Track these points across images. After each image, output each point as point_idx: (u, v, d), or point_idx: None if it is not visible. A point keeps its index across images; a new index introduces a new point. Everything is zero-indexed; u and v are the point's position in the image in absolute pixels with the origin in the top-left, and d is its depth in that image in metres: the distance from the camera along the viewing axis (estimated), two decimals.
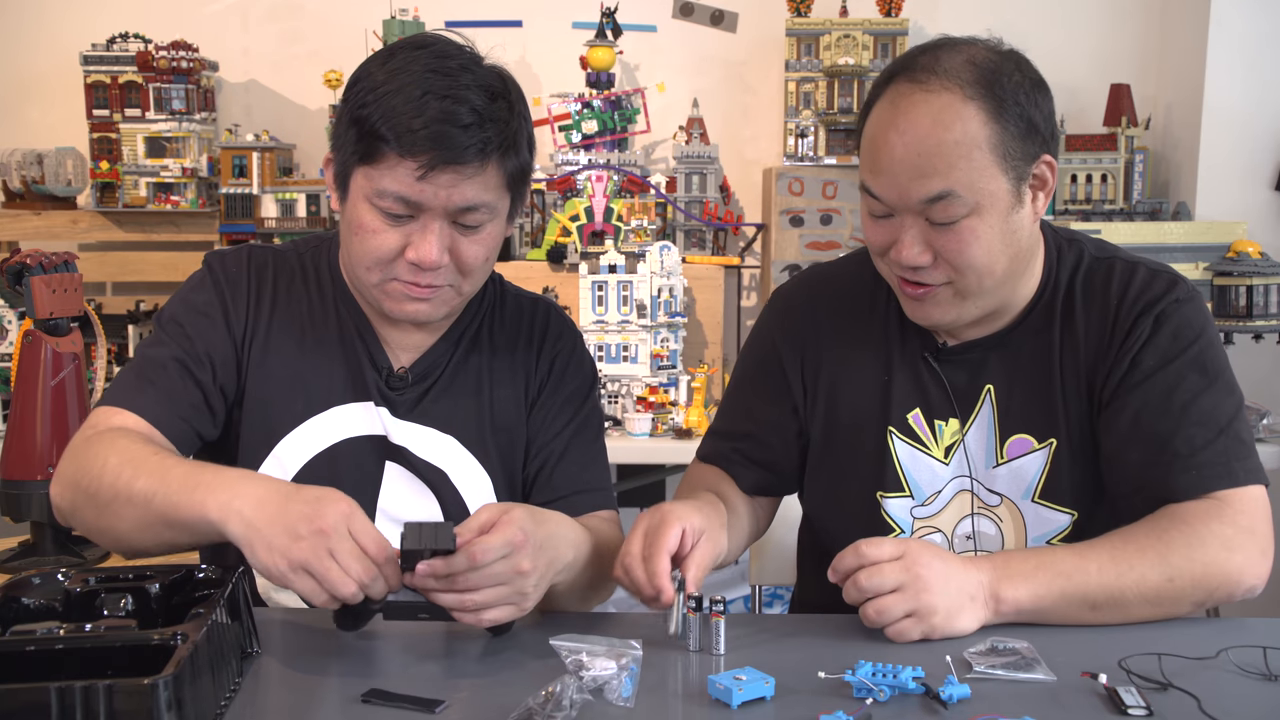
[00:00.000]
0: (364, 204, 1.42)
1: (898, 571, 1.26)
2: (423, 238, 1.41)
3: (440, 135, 1.36)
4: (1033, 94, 1.39)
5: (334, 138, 1.47)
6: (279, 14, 3.41)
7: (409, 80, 1.38)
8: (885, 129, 1.38)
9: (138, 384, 1.46)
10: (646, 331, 2.83)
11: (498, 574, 1.21)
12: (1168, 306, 1.45)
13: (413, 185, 1.38)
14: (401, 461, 1.54)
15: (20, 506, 1.88)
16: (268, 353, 1.52)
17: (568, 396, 1.62)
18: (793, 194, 3.15)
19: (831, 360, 1.57)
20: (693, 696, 1.16)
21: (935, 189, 1.35)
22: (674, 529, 1.30)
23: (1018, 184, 1.38)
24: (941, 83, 1.36)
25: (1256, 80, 3.10)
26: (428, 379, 1.55)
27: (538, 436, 1.60)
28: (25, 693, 0.96)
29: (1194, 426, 1.40)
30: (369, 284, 1.46)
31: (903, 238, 1.40)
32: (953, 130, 1.35)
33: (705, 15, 3.40)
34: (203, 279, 1.54)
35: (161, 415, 1.44)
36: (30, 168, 3.16)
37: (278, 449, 1.51)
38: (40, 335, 1.88)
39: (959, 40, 1.42)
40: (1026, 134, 1.37)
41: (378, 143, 1.37)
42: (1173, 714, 1.10)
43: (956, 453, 1.50)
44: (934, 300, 1.43)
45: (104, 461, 1.33)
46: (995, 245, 1.39)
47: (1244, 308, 2.81)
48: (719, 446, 1.63)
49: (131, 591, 1.20)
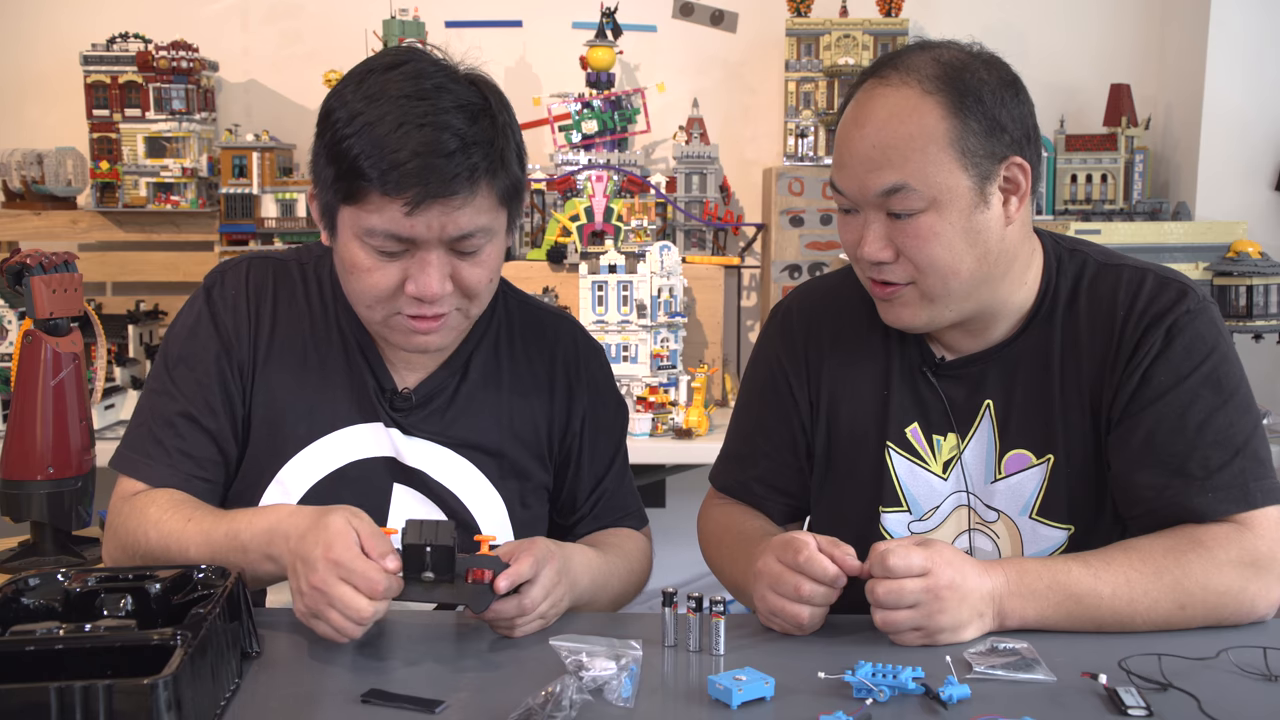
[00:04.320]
0: (354, 242, 1.36)
1: (918, 590, 1.25)
2: (421, 271, 1.35)
3: (425, 169, 1.29)
4: (1000, 93, 1.37)
5: (313, 172, 1.41)
6: (279, 14, 3.41)
7: (386, 109, 1.31)
8: (848, 125, 1.40)
9: (151, 449, 1.47)
10: (646, 331, 2.83)
11: (540, 612, 1.32)
12: (1179, 318, 1.40)
13: (402, 222, 1.32)
14: (413, 484, 1.51)
15: (20, 506, 1.88)
16: (271, 374, 1.50)
17: (608, 429, 1.63)
18: (793, 194, 3.15)
19: (832, 375, 1.56)
20: (693, 696, 1.16)
21: (889, 181, 1.35)
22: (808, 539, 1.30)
23: (981, 183, 1.36)
24: (901, 78, 1.37)
25: (1256, 80, 3.10)
26: (436, 399, 1.53)
27: (588, 478, 1.61)
28: (25, 693, 0.96)
29: (1209, 447, 1.37)
30: (372, 320, 1.43)
31: (865, 233, 1.40)
32: (907, 123, 1.35)
33: (705, 15, 3.40)
34: (201, 313, 1.51)
35: (179, 482, 1.47)
36: (30, 168, 3.16)
37: (283, 472, 1.49)
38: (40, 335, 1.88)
39: (934, 42, 1.42)
40: (990, 132, 1.36)
41: (359, 181, 1.31)
42: (1173, 714, 1.10)
43: (954, 468, 1.49)
44: (901, 301, 1.43)
45: (146, 537, 1.41)
46: (957, 244, 1.37)
47: (1244, 308, 2.81)
48: (740, 477, 1.63)
49: (131, 591, 1.20)
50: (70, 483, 1.89)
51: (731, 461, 1.65)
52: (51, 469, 1.87)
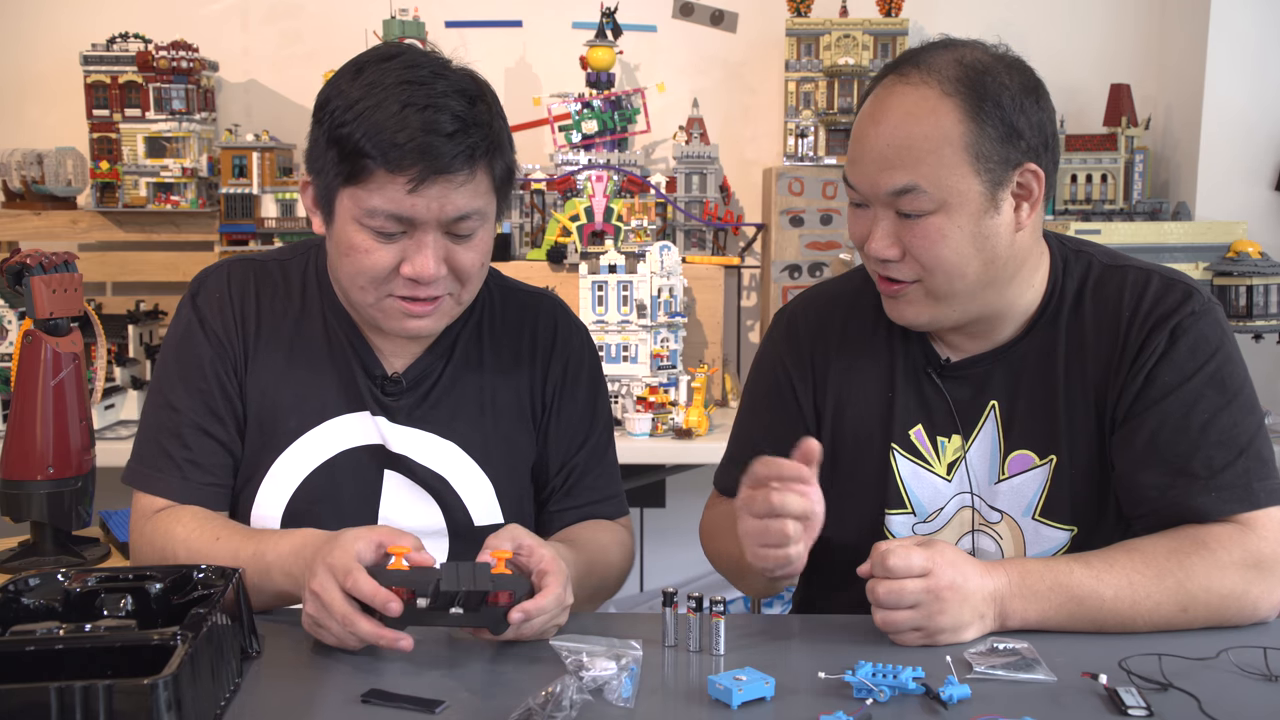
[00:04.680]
0: (353, 225, 1.40)
1: (918, 590, 1.25)
2: (418, 252, 1.39)
3: (426, 147, 1.34)
4: (1020, 99, 1.36)
5: (310, 160, 1.45)
6: (279, 14, 3.41)
7: (385, 95, 1.35)
8: (865, 121, 1.40)
9: (161, 462, 1.50)
10: (646, 331, 2.83)
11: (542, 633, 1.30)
12: (1184, 319, 1.41)
13: (403, 201, 1.36)
14: (401, 470, 1.53)
15: (20, 506, 1.88)
16: (260, 372, 1.53)
17: (583, 405, 1.62)
18: (793, 194, 3.15)
19: (838, 378, 1.56)
20: (693, 696, 1.16)
21: (900, 182, 1.35)
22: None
23: (993, 188, 1.36)
24: (922, 77, 1.37)
25: (1256, 80, 3.10)
26: (423, 383, 1.55)
27: (556, 451, 1.60)
28: (25, 693, 0.96)
29: (1213, 447, 1.37)
30: (364, 304, 1.45)
31: (873, 230, 1.40)
32: (923, 124, 1.35)
33: (705, 15, 3.40)
34: (189, 321, 1.54)
35: (191, 493, 1.49)
36: (30, 168, 3.15)
37: (275, 466, 1.51)
38: (40, 335, 1.88)
39: (959, 41, 1.42)
40: (1006, 138, 1.35)
41: (363, 161, 1.35)
42: (1173, 714, 1.10)
43: (958, 469, 1.49)
44: (907, 299, 1.43)
45: (175, 556, 1.42)
46: (964, 247, 1.37)
47: (1244, 308, 2.81)
48: (740, 478, 1.62)
49: (131, 591, 1.21)
50: (70, 483, 1.89)
51: (734, 465, 1.64)
52: (51, 469, 1.87)
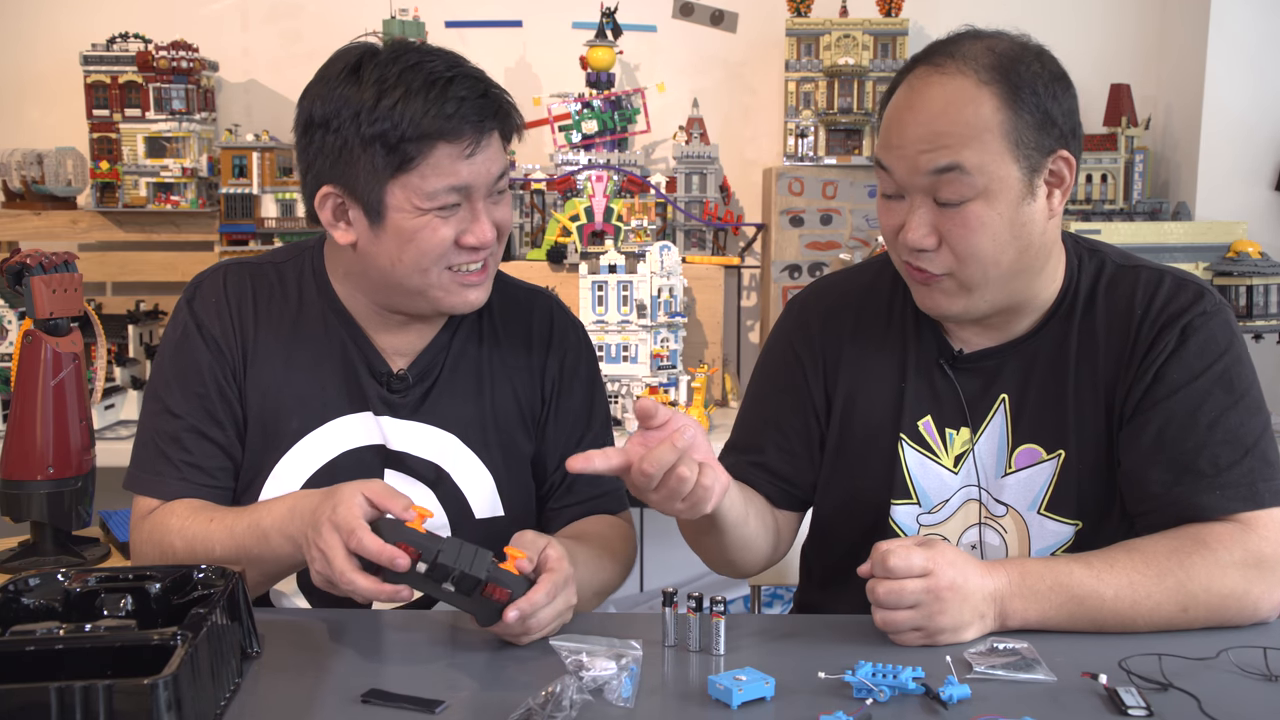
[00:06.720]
0: (411, 213, 1.41)
1: (918, 590, 1.25)
2: (475, 220, 1.44)
3: (473, 109, 1.39)
4: (1051, 86, 1.38)
5: (337, 167, 1.42)
6: (279, 14, 3.41)
7: (405, 81, 1.37)
8: (900, 110, 1.40)
9: (161, 466, 1.50)
10: (646, 331, 2.83)
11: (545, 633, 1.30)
12: (1194, 319, 1.42)
13: (461, 170, 1.40)
14: (401, 468, 1.53)
15: (20, 506, 1.88)
16: (260, 374, 1.53)
17: (580, 400, 1.63)
18: (793, 194, 3.15)
19: (850, 367, 1.56)
20: (693, 696, 1.16)
21: (944, 160, 1.35)
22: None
23: (1030, 175, 1.37)
24: (958, 66, 1.37)
25: (1256, 80, 3.10)
26: (428, 377, 1.55)
27: (555, 446, 1.61)
28: (25, 693, 0.96)
29: (1219, 445, 1.37)
30: (421, 287, 1.46)
31: (910, 219, 1.40)
32: (965, 112, 1.35)
33: (705, 15, 3.40)
34: (186, 325, 1.54)
35: (192, 494, 1.50)
36: (30, 168, 3.15)
37: (278, 468, 1.51)
38: (40, 335, 1.88)
39: (984, 31, 1.43)
40: (1042, 125, 1.36)
41: (417, 144, 1.38)
42: (1173, 714, 1.10)
43: (966, 462, 1.49)
44: (941, 289, 1.43)
45: (173, 546, 1.43)
46: (1002, 235, 1.37)
47: (1244, 308, 2.82)
48: (739, 460, 1.60)
49: (131, 591, 1.21)
50: (70, 483, 1.89)
51: (736, 451, 1.62)
52: (51, 469, 1.87)
